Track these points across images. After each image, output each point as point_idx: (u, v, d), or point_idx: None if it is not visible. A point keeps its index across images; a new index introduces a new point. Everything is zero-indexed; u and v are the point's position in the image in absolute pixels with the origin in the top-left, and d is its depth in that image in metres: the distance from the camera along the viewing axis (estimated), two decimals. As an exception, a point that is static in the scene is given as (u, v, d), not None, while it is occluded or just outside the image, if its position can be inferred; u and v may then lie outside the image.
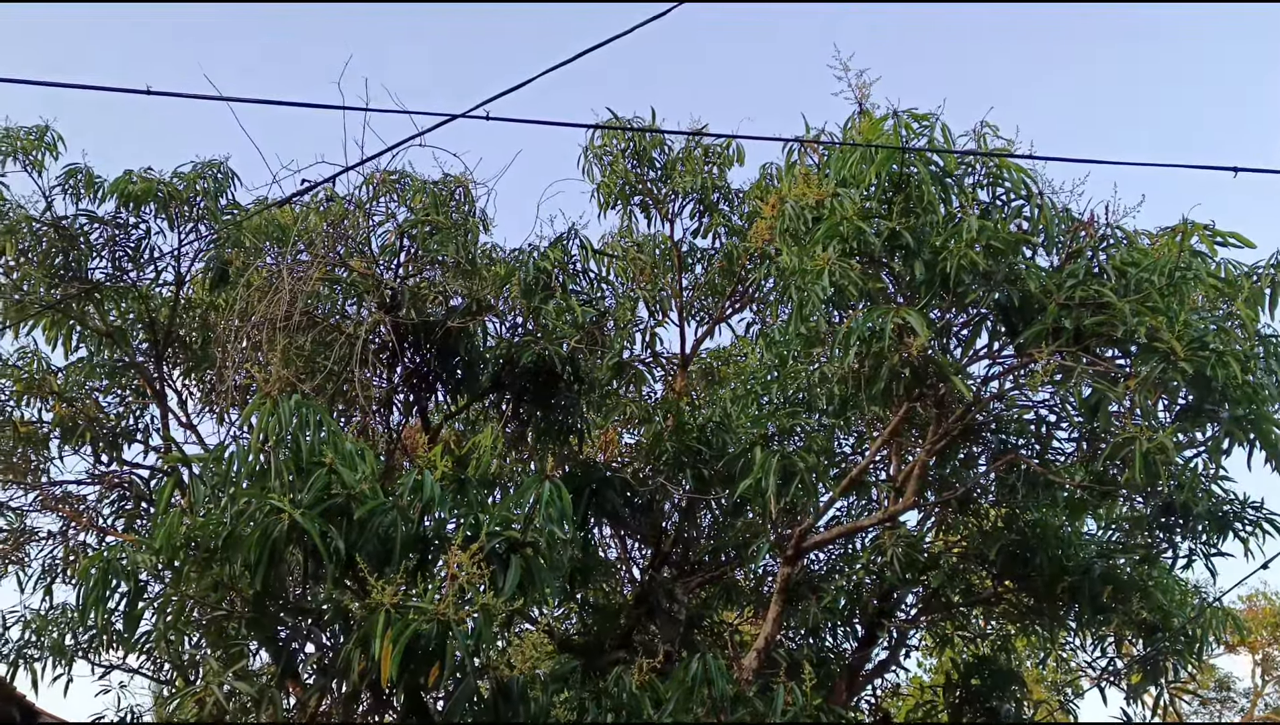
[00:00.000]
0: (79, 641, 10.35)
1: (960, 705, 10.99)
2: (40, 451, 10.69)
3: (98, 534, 10.84)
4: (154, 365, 10.55)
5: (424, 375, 9.58)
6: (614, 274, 10.93)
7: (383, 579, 6.18)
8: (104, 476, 10.78)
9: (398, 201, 9.27)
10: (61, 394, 10.44)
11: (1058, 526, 10.23)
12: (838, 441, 10.93)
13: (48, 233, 9.88)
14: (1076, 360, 7.69)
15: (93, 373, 10.84)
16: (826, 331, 8.72)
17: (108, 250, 10.11)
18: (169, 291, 10.55)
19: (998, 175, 8.35)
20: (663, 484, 9.76)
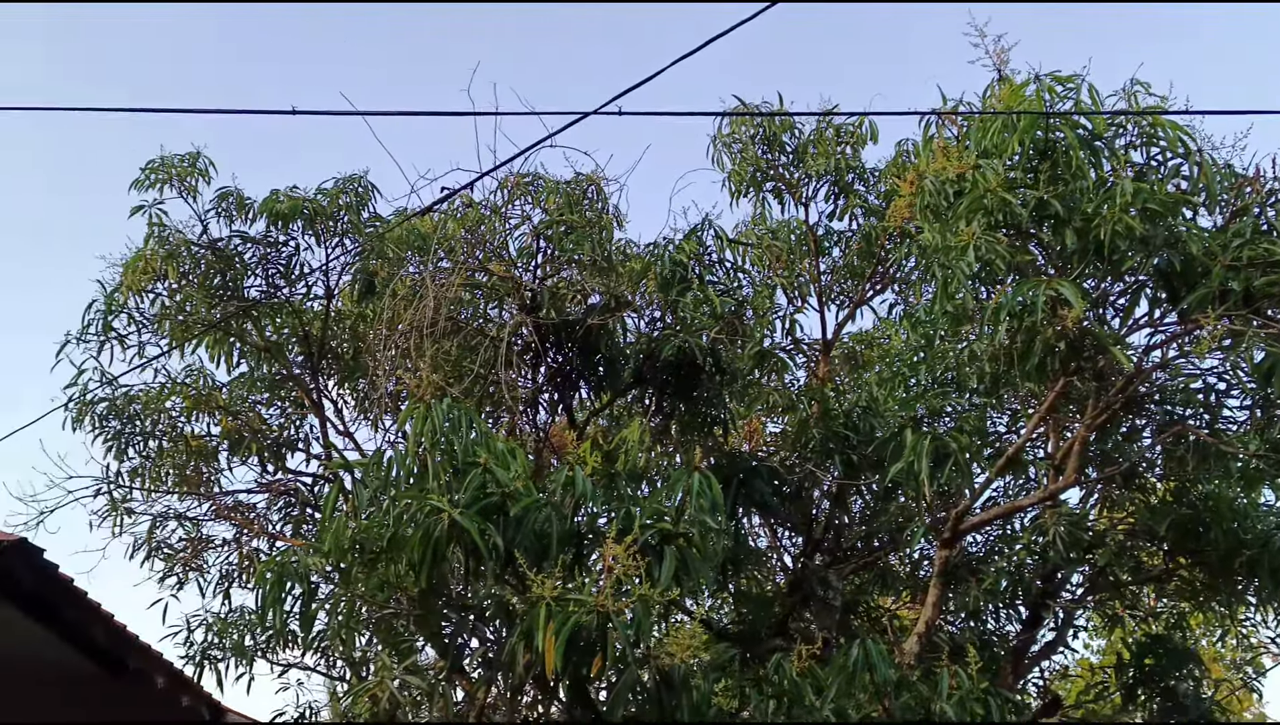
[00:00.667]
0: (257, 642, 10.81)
1: (1134, 686, 10.58)
2: (211, 463, 11.22)
3: (268, 540, 11.33)
4: (310, 377, 10.96)
5: (567, 374, 9.71)
6: (750, 262, 10.87)
7: (541, 573, 6.29)
8: (271, 485, 11.27)
9: (532, 203, 9.42)
10: (227, 408, 10.94)
11: (1232, 499, 9.74)
12: (991, 420, 10.64)
13: (205, 255, 10.34)
14: (1247, 323, 7.32)
15: (254, 386, 11.33)
16: (974, 308, 8.50)
17: (261, 268, 10.53)
18: (320, 305, 10.95)
19: (1151, 134, 7.98)
20: (811, 471, 9.66)
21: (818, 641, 9.05)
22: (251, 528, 11.37)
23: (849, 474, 9.87)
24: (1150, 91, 7.90)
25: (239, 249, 10.37)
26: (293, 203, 10.13)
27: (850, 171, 11.00)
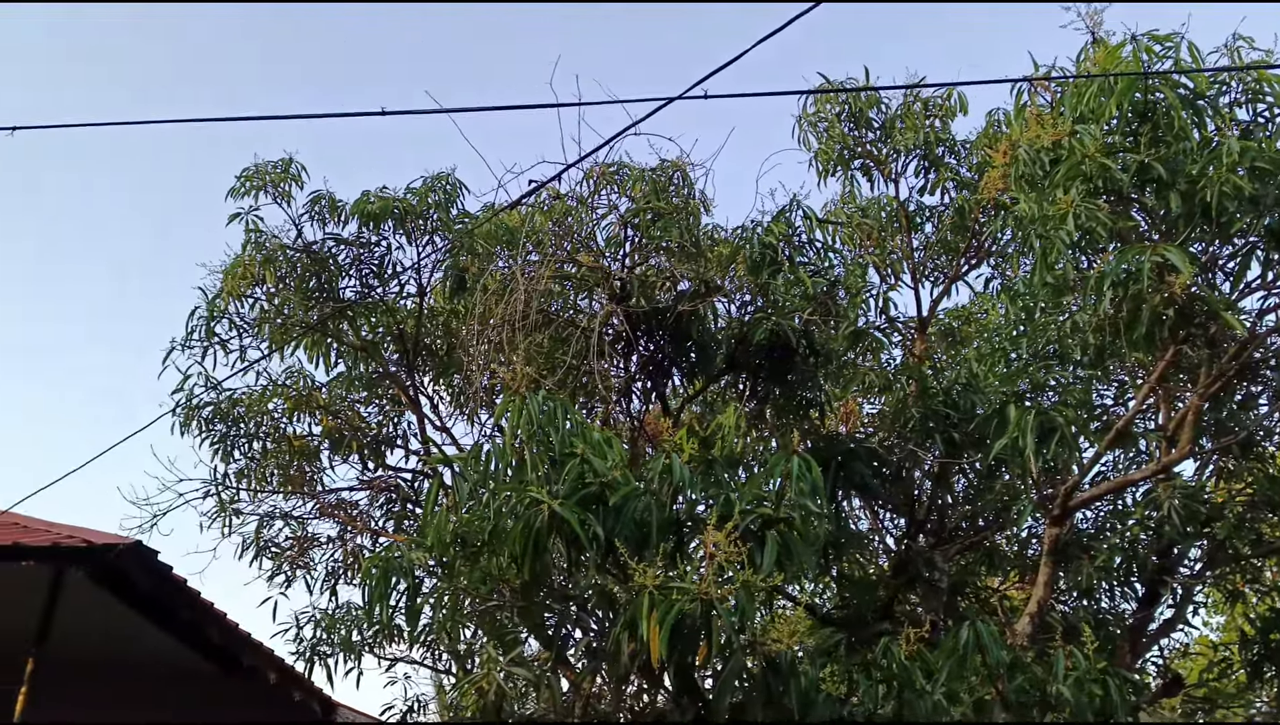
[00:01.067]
0: (364, 637, 11.03)
1: (1259, 663, 10.19)
2: (313, 463, 11.46)
3: (371, 536, 11.54)
4: (406, 374, 11.12)
5: (659, 361, 9.66)
6: (840, 241, 10.69)
7: (642, 562, 6.26)
8: (372, 482, 11.47)
9: (618, 192, 9.39)
10: (327, 408, 11.16)
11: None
12: (1097, 393, 10.33)
13: (300, 258, 10.56)
14: (1368, 277, 6.98)
15: (352, 386, 11.55)
16: (1075, 278, 8.25)
17: (354, 269, 10.72)
18: (413, 303, 11.09)
19: (1257, 91, 7.64)
20: (912, 451, 9.47)
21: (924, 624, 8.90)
22: (354, 525, 11.58)
23: (950, 453, 9.65)
24: (1254, 46, 7.62)
25: (333, 251, 10.56)
26: (383, 203, 10.28)
27: (940, 144, 10.74)
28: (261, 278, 10.33)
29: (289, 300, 10.58)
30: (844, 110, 10.68)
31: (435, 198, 10.47)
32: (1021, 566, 11.36)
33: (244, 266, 10.29)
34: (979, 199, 10.23)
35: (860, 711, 6.81)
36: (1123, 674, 8.18)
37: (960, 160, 10.87)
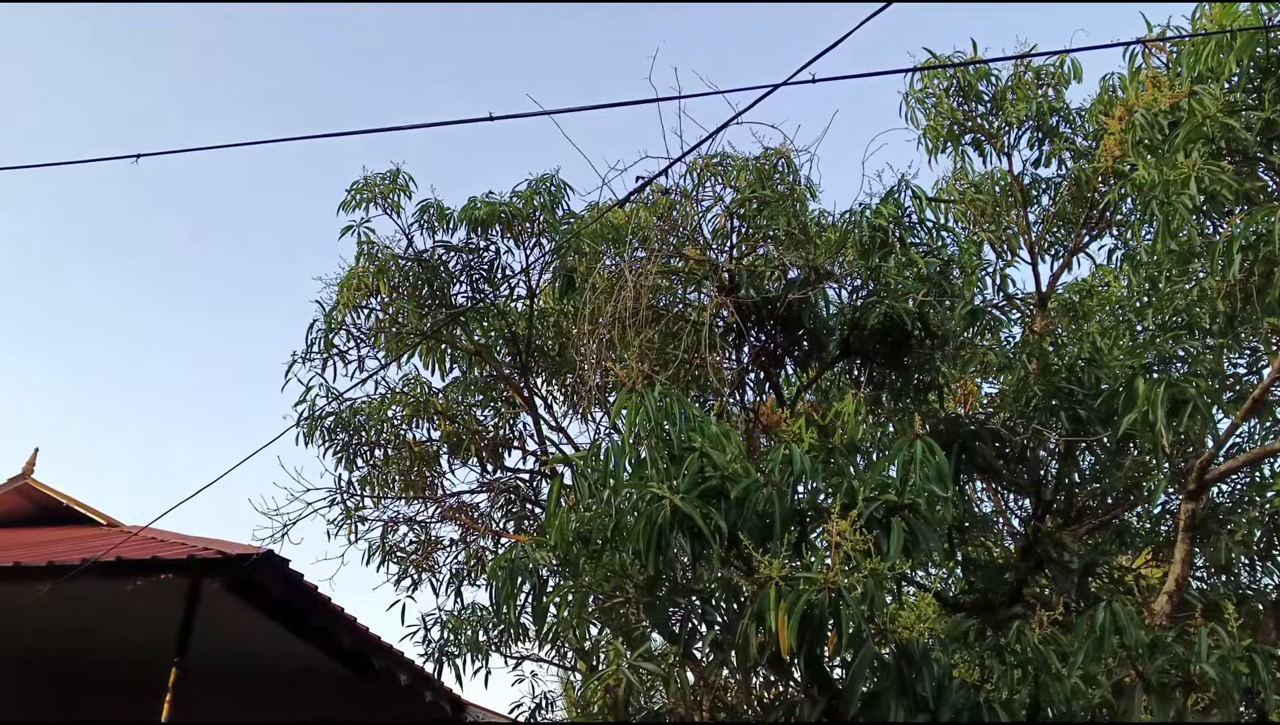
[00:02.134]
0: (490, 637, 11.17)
1: None
2: (433, 467, 11.67)
3: (493, 537, 11.69)
4: (519, 376, 11.24)
5: (771, 351, 9.58)
6: (953, 220, 10.44)
7: (767, 554, 6.20)
8: (491, 484, 11.62)
9: (722, 183, 9.33)
10: (444, 412, 11.34)
11: None
12: (1228, 362, 9.91)
13: (412, 267, 10.76)
14: None
15: (468, 390, 11.71)
16: (1201, 244, 7.93)
17: (465, 275, 10.89)
18: (523, 305, 11.20)
19: (1392, 35, 7.25)
20: (1036, 430, 9.20)
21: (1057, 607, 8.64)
22: (476, 527, 11.75)
23: (1076, 430, 9.35)
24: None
25: (443, 258, 10.74)
26: (490, 208, 10.40)
27: (1054, 114, 10.39)
28: (375, 288, 10.54)
29: (403, 308, 10.78)
30: (952, 85, 10.39)
31: (540, 200, 10.56)
32: (1154, 544, 10.97)
33: (358, 278, 10.52)
34: (1096, 168, 9.89)
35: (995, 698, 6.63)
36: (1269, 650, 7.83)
37: (1075, 129, 10.49)
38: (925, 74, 10.30)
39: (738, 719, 8.39)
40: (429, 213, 10.73)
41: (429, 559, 11.83)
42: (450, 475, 11.74)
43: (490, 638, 11.15)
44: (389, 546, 11.79)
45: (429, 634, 11.22)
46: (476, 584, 11.70)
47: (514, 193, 10.65)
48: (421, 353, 11.30)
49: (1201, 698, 6.64)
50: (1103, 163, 8.94)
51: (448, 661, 11.05)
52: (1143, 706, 6.64)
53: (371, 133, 5.48)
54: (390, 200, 10.66)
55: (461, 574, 11.80)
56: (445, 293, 10.83)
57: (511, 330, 11.15)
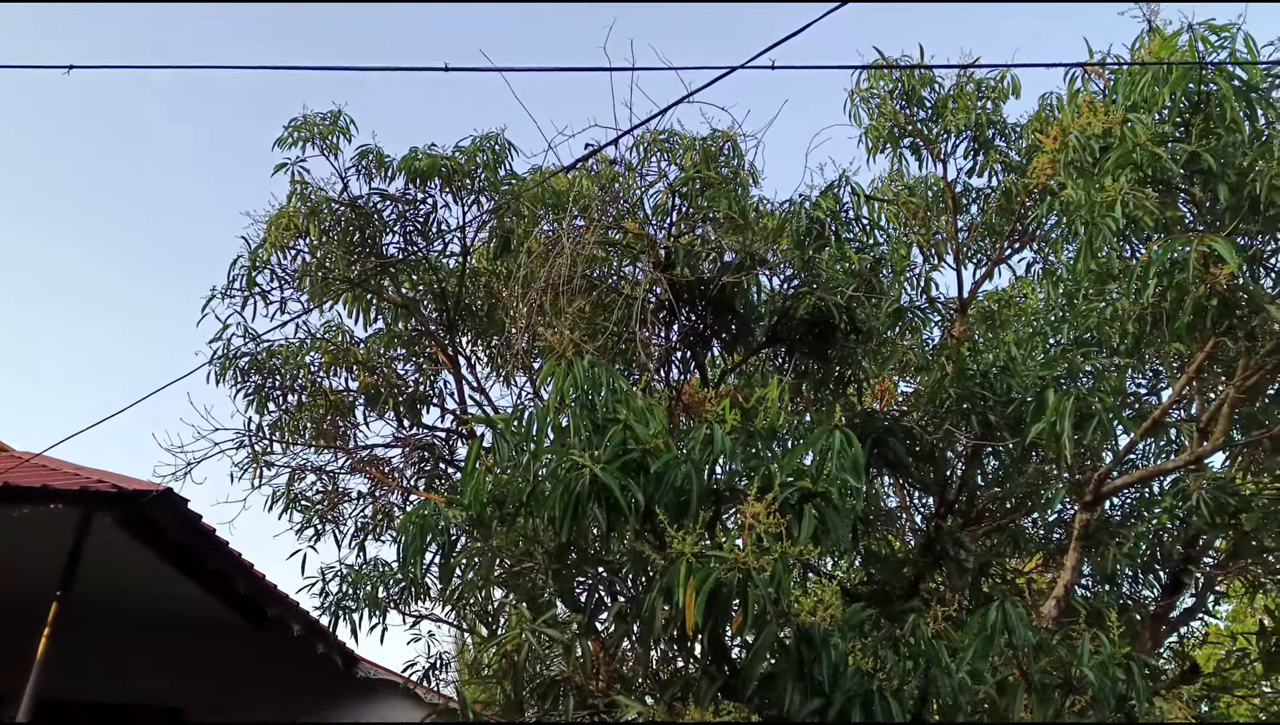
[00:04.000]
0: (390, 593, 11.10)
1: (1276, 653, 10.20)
2: (348, 418, 11.52)
3: (402, 494, 11.60)
4: (445, 333, 11.13)
5: (700, 332, 9.65)
6: (886, 220, 10.62)
7: (680, 530, 6.27)
8: (406, 440, 11.52)
9: (668, 160, 9.35)
10: (364, 363, 11.20)
11: (1388, 464, 9.33)
12: (1131, 381, 10.31)
13: (345, 212, 10.57)
14: None
15: (391, 343, 11.57)
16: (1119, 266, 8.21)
17: (399, 225, 10.73)
18: (456, 262, 11.10)
19: (1312, 84, 7.58)
20: (948, 431, 9.45)
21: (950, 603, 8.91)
22: (387, 482, 11.64)
23: (985, 434, 9.64)
24: (1313, 38, 7.52)
25: (378, 206, 10.57)
26: (431, 161, 10.27)
27: (991, 127, 10.62)
28: (305, 230, 10.34)
29: (332, 253, 10.60)
30: (896, 88, 10.54)
31: (484, 158, 10.46)
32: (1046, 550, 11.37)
33: (288, 217, 10.31)
34: (1026, 183, 10.15)
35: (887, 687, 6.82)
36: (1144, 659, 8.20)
37: (1010, 143, 10.75)
38: (871, 75, 10.44)
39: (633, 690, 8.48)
40: (368, 159, 10.55)
41: (335, 510, 11.70)
42: (364, 427, 11.61)
43: (390, 594, 11.09)
44: (294, 494, 11.62)
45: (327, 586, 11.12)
46: (381, 540, 11.61)
47: (457, 147, 10.53)
48: (346, 300, 11.12)
49: (1079, 700, 6.92)
50: (1033, 179, 9.17)
51: (344, 615, 10.97)
52: (1024, 705, 6.89)
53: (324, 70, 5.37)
54: (329, 142, 10.45)
55: (367, 528, 11.69)
56: (377, 241, 10.67)
57: (441, 286, 11.04)
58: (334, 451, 11.72)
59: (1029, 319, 10.97)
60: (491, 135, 10.55)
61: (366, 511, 11.77)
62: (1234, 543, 10.32)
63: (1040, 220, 10.71)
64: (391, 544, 11.64)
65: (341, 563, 11.32)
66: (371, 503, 11.76)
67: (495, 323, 10.91)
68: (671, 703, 6.59)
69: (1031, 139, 10.16)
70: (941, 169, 10.99)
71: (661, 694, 6.94)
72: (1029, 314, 11.20)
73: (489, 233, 10.60)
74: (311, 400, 11.27)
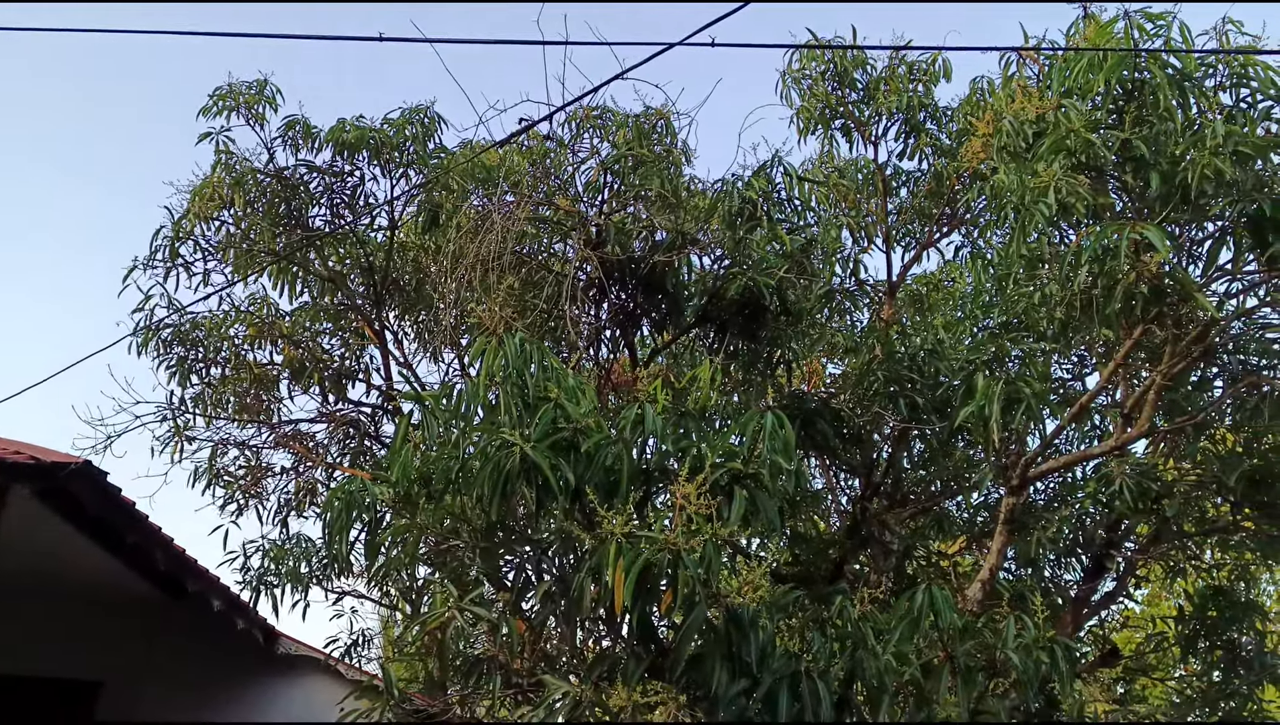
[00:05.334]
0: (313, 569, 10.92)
1: (1194, 637, 10.50)
2: (272, 392, 11.29)
3: (327, 469, 11.42)
4: (372, 307, 10.96)
5: (630, 311, 9.61)
6: (816, 201, 10.65)
7: (610, 510, 6.25)
8: (331, 415, 11.33)
9: (600, 137, 9.27)
10: (289, 337, 10.97)
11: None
12: (1057, 366, 10.49)
13: (271, 184, 10.33)
14: (1335, 273, 7.13)
15: (317, 316, 11.35)
16: (1050, 252, 8.32)
17: (326, 198, 10.53)
18: (384, 236, 10.92)
19: (1243, 75, 7.69)
20: (876, 413, 9.54)
21: (876, 585, 9.02)
22: (311, 457, 11.45)
23: (912, 417, 9.74)
24: (1243, 31, 7.66)
25: (304, 178, 10.35)
26: (359, 132, 10.07)
27: (922, 110, 10.66)
28: (230, 200, 10.09)
29: (257, 225, 10.36)
30: (828, 69, 10.54)
31: (413, 130, 10.27)
32: (971, 533, 11.55)
33: (212, 188, 10.05)
34: (958, 167, 10.23)
35: (814, 668, 6.88)
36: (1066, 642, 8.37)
37: (941, 127, 10.82)
38: (803, 56, 10.42)
39: (560, 670, 8.46)
40: (295, 130, 10.30)
41: (258, 485, 11.47)
42: (289, 402, 11.38)
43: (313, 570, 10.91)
44: (217, 469, 11.38)
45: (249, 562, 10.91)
46: (304, 516, 11.41)
47: (385, 119, 10.34)
48: (272, 273, 10.88)
49: (1002, 682, 7.04)
50: (964, 163, 9.24)
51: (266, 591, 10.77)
52: (948, 687, 6.99)
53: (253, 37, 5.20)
54: (255, 111, 10.19)
55: (290, 504, 11.49)
56: (303, 214, 10.44)
57: (369, 260, 10.84)
58: (257, 426, 11.48)
59: (957, 303, 11.09)
60: (421, 108, 10.38)
61: (290, 487, 11.56)
62: (1155, 528, 10.56)
63: (970, 204, 10.82)
64: (315, 520, 11.47)
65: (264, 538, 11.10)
66: (295, 478, 11.55)
67: (424, 298, 10.75)
68: (598, 682, 6.57)
69: (963, 123, 10.23)
70: (872, 151, 11.03)
71: (588, 674, 6.91)
72: (957, 298, 11.33)
73: (418, 207, 10.43)
74: (235, 373, 11.01)
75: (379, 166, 10.39)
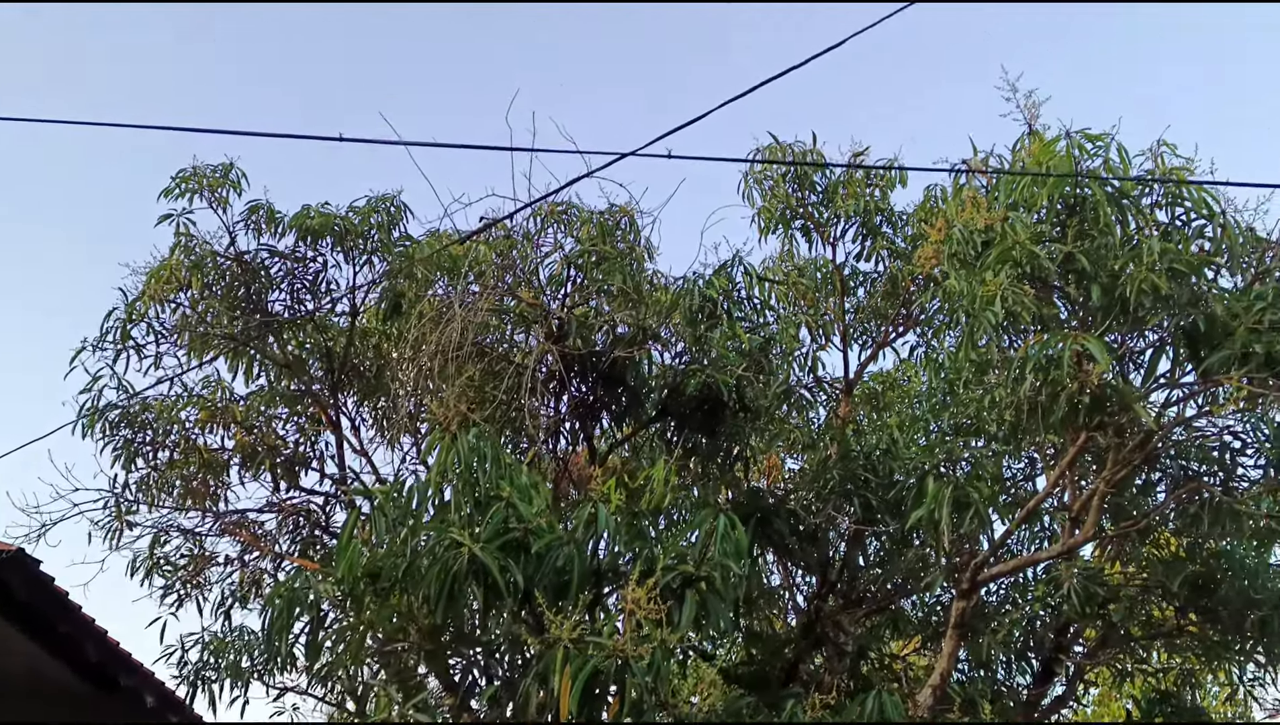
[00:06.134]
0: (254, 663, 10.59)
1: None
2: (220, 477, 11.05)
3: (274, 560, 11.16)
4: (329, 393, 10.84)
5: (590, 404, 9.61)
6: (776, 299, 10.76)
7: (560, 613, 6.17)
8: (281, 504, 11.10)
9: (565, 232, 9.36)
10: (243, 422, 10.80)
11: (1244, 557, 9.76)
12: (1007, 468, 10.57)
13: (231, 267, 10.29)
14: (1266, 386, 7.32)
15: (272, 401, 11.19)
16: (998, 358, 8.46)
17: (287, 283, 10.48)
18: (345, 322, 10.86)
19: (1177, 194, 8.02)
20: (830, 514, 9.55)
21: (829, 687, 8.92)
22: (258, 546, 11.19)
23: (867, 517, 9.75)
24: (1176, 153, 7.97)
25: (266, 262, 10.32)
26: (324, 219, 10.10)
27: (879, 214, 10.91)
28: (187, 283, 10.01)
29: (214, 307, 10.28)
30: (789, 171, 10.78)
31: (378, 219, 10.31)
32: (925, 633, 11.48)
33: (170, 270, 9.98)
34: (911, 270, 10.41)
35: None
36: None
37: (897, 231, 11.05)
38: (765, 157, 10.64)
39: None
40: (258, 214, 10.29)
41: (200, 575, 11.15)
42: (240, 487, 11.14)
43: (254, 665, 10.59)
44: (158, 558, 11.05)
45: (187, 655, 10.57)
46: (249, 608, 11.10)
47: (351, 207, 10.37)
48: (228, 356, 10.76)
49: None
50: (918, 267, 9.41)
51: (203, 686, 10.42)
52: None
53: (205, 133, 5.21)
54: (218, 195, 10.17)
55: (234, 595, 11.16)
56: (262, 298, 10.38)
57: (328, 345, 10.76)
58: (203, 513, 11.21)
59: (911, 402, 11.18)
60: (387, 197, 10.43)
61: (234, 577, 11.25)
62: (1102, 632, 10.57)
63: (924, 306, 10.98)
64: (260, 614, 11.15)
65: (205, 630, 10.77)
66: (240, 568, 11.25)
67: (383, 385, 10.67)
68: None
69: (918, 228, 10.44)
70: (831, 252, 11.25)
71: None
72: (912, 397, 11.42)
73: (380, 294, 10.40)
74: (184, 457, 10.78)
75: (343, 253, 10.38)
